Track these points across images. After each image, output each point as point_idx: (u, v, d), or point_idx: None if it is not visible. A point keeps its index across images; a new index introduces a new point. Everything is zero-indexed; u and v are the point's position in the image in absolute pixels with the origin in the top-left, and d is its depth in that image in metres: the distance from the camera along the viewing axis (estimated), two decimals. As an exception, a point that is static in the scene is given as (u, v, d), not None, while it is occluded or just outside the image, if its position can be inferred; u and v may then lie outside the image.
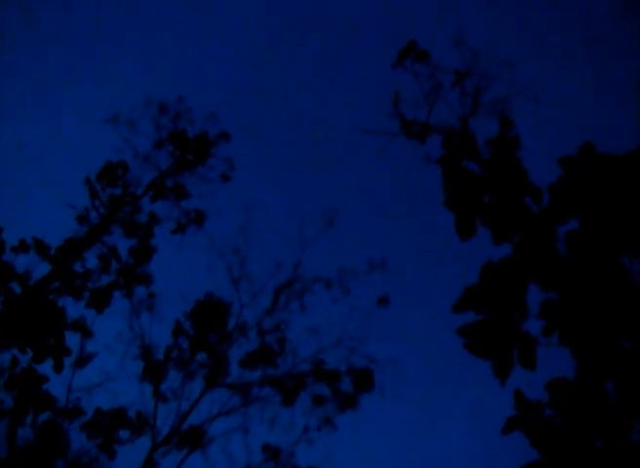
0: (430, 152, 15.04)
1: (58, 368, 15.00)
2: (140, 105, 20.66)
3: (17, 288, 15.40)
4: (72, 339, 16.40)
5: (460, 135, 13.78)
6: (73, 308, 17.04)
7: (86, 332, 17.35)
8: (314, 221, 22.24)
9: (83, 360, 18.30)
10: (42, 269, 16.66)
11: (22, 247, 16.61)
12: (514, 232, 9.72)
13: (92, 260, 18.53)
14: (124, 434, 18.77)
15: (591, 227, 8.06)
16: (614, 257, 7.68)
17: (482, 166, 11.93)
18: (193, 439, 19.33)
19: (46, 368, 14.91)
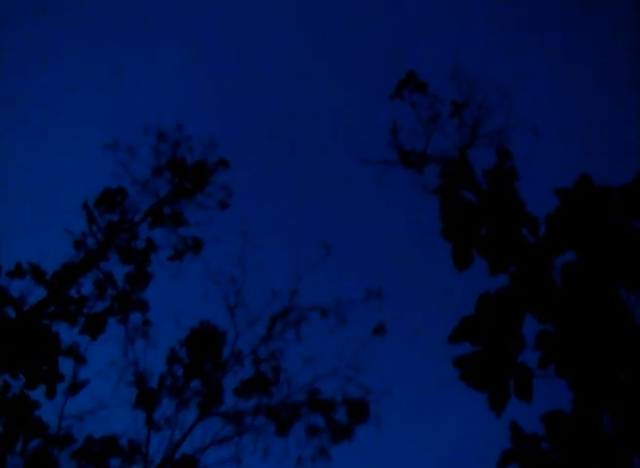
0: (428, 182, 15.10)
1: (50, 394, 14.85)
2: (140, 132, 20.84)
3: (11, 312, 15.33)
4: (65, 365, 16.28)
5: (457, 165, 13.84)
6: (67, 334, 16.95)
7: (79, 359, 17.21)
8: (311, 250, 22.23)
9: (76, 387, 18.09)
10: (37, 294, 16.61)
11: (18, 271, 16.57)
12: (511, 263, 9.71)
13: (87, 286, 18.48)
14: (115, 462, 18.50)
15: (588, 259, 8.05)
16: (611, 289, 7.66)
17: (479, 196, 11.97)
18: (186, 468, 19.03)
19: (38, 394, 14.76)
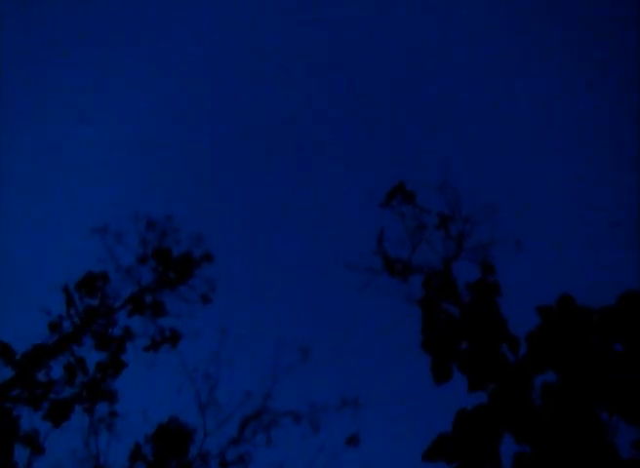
0: (412, 291, 15.13)
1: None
2: (129, 219, 21.04)
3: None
4: (21, 453, 15.56)
5: (441, 277, 13.95)
6: (29, 418, 16.32)
7: (37, 449, 16.45)
8: (289, 353, 21.94)
9: (28, 479, 17.18)
10: (3, 374, 16.13)
11: (-13, 349, 16.18)
12: (490, 380, 9.59)
13: (57, 370, 18.00)
14: None
15: (568, 379, 7.95)
16: (591, 412, 7.51)
17: (461, 310, 12.00)
18: None
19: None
